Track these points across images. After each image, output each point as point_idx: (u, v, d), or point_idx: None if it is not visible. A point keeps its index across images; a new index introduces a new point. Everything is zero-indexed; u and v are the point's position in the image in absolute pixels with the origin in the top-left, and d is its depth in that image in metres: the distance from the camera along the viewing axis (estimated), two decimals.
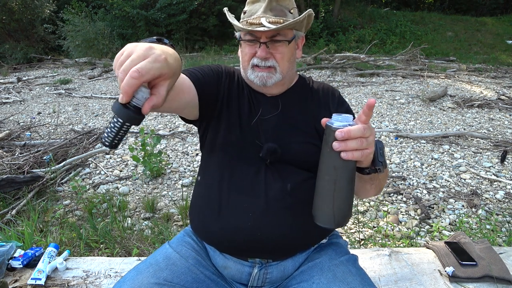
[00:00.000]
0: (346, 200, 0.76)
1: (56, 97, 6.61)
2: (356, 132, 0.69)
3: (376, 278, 1.28)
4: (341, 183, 0.73)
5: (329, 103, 1.10)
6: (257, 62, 1.01)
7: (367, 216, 2.54)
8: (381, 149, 0.80)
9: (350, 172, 0.73)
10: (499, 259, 1.33)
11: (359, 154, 0.70)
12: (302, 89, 1.12)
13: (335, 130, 0.69)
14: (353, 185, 0.76)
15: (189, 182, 3.06)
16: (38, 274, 1.29)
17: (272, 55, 1.01)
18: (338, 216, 0.76)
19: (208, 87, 1.01)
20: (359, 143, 0.69)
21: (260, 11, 0.99)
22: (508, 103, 5.33)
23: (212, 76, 1.05)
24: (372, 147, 0.72)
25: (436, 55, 10.45)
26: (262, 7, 0.99)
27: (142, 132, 3.20)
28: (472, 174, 3.15)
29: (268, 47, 1.00)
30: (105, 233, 2.13)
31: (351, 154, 0.69)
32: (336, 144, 0.69)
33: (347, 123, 0.71)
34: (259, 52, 1.00)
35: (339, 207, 0.75)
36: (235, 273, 1.04)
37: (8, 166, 3.05)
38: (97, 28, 11.05)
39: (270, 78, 1.01)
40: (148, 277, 0.93)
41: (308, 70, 8.03)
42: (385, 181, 0.96)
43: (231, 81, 1.09)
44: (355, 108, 5.23)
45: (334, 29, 12.80)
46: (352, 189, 0.76)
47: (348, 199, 0.76)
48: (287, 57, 1.03)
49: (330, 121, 0.72)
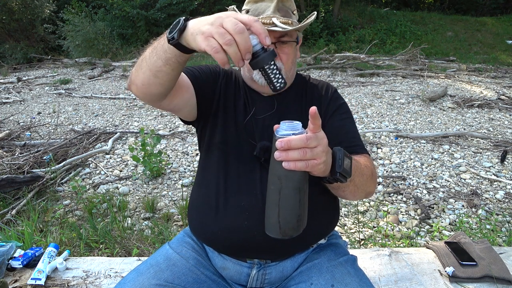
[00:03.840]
0: (293, 211, 0.72)
1: (56, 97, 6.61)
2: (297, 142, 0.65)
3: (376, 278, 1.28)
4: (286, 193, 0.71)
5: (321, 99, 1.10)
6: None
7: (367, 216, 2.54)
8: (341, 159, 0.77)
9: (297, 182, 0.70)
10: (499, 259, 1.33)
11: (303, 165, 0.67)
12: (299, 87, 1.13)
13: (277, 139, 0.67)
14: (302, 195, 0.72)
15: (189, 182, 3.06)
16: (38, 274, 1.29)
17: (279, 56, 1.02)
18: (284, 226, 0.73)
19: (204, 85, 1.03)
20: (302, 154, 0.66)
21: (270, 11, 0.99)
22: (508, 103, 5.33)
23: (210, 75, 1.06)
24: (320, 157, 0.68)
25: (436, 55, 10.45)
26: (271, 7, 0.99)
27: (142, 132, 3.20)
28: (472, 174, 3.15)
29: (276, 47, 1.01)
30: (105, 233, 2.13)
31: (293, 164, 0.66)
32: (277, 153, 0.67)
33: (291, 131, 0.67)
34: None
35: (284, 217, 0.72)
36: (233, 274, 1.04)
37: (8, 166, 3.05)
38: (97, 28, 11.05)
39: None
40: (149, 278, 0.93)
41: (308, 70, 8.03)
42: (367, 186, 0.93)
43: (228, 81, 1.10)
44: (355, 108, 5.23)
45: (334, 29, 12.79)
46: (301, 199, 0.72)
47: (296, 209, 0.72)
48: (291, 58, 1.04)
49: (277, 129, 0.69)
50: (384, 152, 3.66)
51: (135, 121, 4.93)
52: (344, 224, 2.45)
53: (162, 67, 0.79)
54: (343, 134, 1.05)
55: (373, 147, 3.80)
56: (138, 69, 0.86)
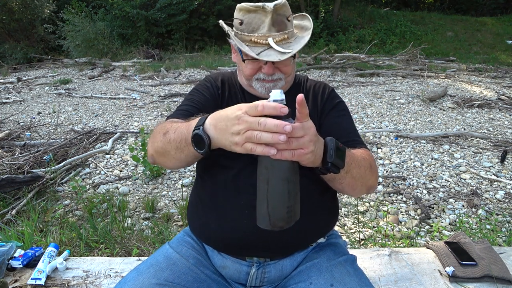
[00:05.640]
0: (282, 201, 0.71)
1: (56, 97, 6.61)
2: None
3: (376, 278, 1.28)
4: (274, 183, 0.70)
5: (318, 98, 1.11)
6: (264, 77, 1.03)
7: (367, 216, 2.54)
8: (332, 149, 0.76)
9: (285, 172, 0.70)
10: (499, 259, 1.33)
11: (289, 154, 0.66)
12: (296, 89, 1.14)
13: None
14: (292, 186, 0.71)
15: (189, 182, 3.06)
16: (38, 274, 1.29)
17: (278, 69, 1.02)
18: (273, 217, 0.73)
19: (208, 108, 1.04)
20: (288, 143, 0.66)
21: (265, 29, 0.96)
22: (508, 103, 5.33)
23: (206, 98, 1.08)
24: (307, 147, 0.68)
25: (436, 55, 10.45)
26: (266, 24, 0.95)
27: (142, 132, 3.20)
28: (472, 174, 3.15)
29: (274, 63, 1.00)
30: (105, 233, 2.13)
31: (279, 154, 0.66)
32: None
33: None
34: (266, 69, 1.01)
35: (273, 207, 0.72)
36: (233, 273, 1.04)
37: (8, 166, 3.05)
38: (97, 28, 11.05)
39: (275, 87, 1.04)
40: (149, 278, 0.93)
41: (308, 70, 8.04)
42: (366, 178, 0.92)
43: (223, 91, 1.12)
44: (355, 108, 5.23)
45: (334, 29, 12.79)
46: (290, 190, 0.71)
47: (285, 200, 0.71)
48: (290, 70, 1.05)
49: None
50: (384, 152, 3.66)
51: (135, 121, 4.93)
52: (344, 224, 2.45)
53: (190, 161, 0.90)
54: (340, 130, 1.05)
55: (373, 147, 3.80)
56: (162, 157, 0.93)
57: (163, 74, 8.22)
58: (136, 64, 9.44)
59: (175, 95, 6.30)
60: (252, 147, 0.66)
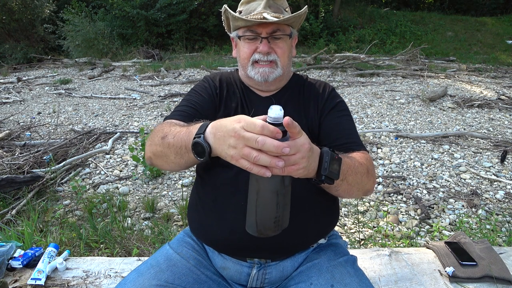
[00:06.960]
0: (270, 212, 0.73)
1: (56, 97, 6.61)
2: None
3: (376, 278, 1.28)
4: (263, 195, 0.72)
5: (318, 97, 1.11)
6: (259, 57, 1.04)
7: (367, 216, 2.54)
8: (327, 162, 0.77)
9: (275, 185, 0.70)
10: (499, 259, 1.33)
11: (279, 171, 0.67)
12: (296, 87, 1.14)
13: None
14: (280, 198, 0.72)
15: (189, 182, 3.06)
16: (38, 274, 1.28)
17: (273, 49, 1.04)
18: (260, 226, 0.74)
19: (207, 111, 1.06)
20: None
21: (261, 8, 1.02)
22: (508, 103, 5.33)
23: (204, 98, 1.09)
24: (299, 163, 0.68)
25: (436, 55, 10.45)
26: (261, 5, 1.02)
27: (142, 132, 3.20)
28: (472, 174, 3.15)
29: (270, 42, 1.03)
30: (105, 233, 2.13)
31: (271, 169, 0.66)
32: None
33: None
34: (261, 47, 1.03)
35: (261, 217, 0.74)
36: (234, 274, 1.04)
37: (8, 166, 3.05)
38: (97, 28, 11.06)
39: (272, 73, 1.05)
40: (150, 279, 0.93)
41: (308, 70, 8.03)
42: (362, 184, 0.92)
43: (222, 89, 1.12)
44: (355, 108, 5.23)
45: (334, 29, 12.79)
46: (279, 202, 0.72)
47: (273, 212, 0.73)
48: (287, 53, 1.06)
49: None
50: (384, 152, 3.66)
51: (135, 121, 4.93)
52: (344, 224, 2.45)
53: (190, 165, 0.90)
54: (340, 131, 1.05)
55: (373, 147, 3.80)
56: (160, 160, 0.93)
57: (163, 74, 8.22)
58: (136, 64, 9.44)
59: (175, 95, 6.30)
60: (249, 166, 0.66)
